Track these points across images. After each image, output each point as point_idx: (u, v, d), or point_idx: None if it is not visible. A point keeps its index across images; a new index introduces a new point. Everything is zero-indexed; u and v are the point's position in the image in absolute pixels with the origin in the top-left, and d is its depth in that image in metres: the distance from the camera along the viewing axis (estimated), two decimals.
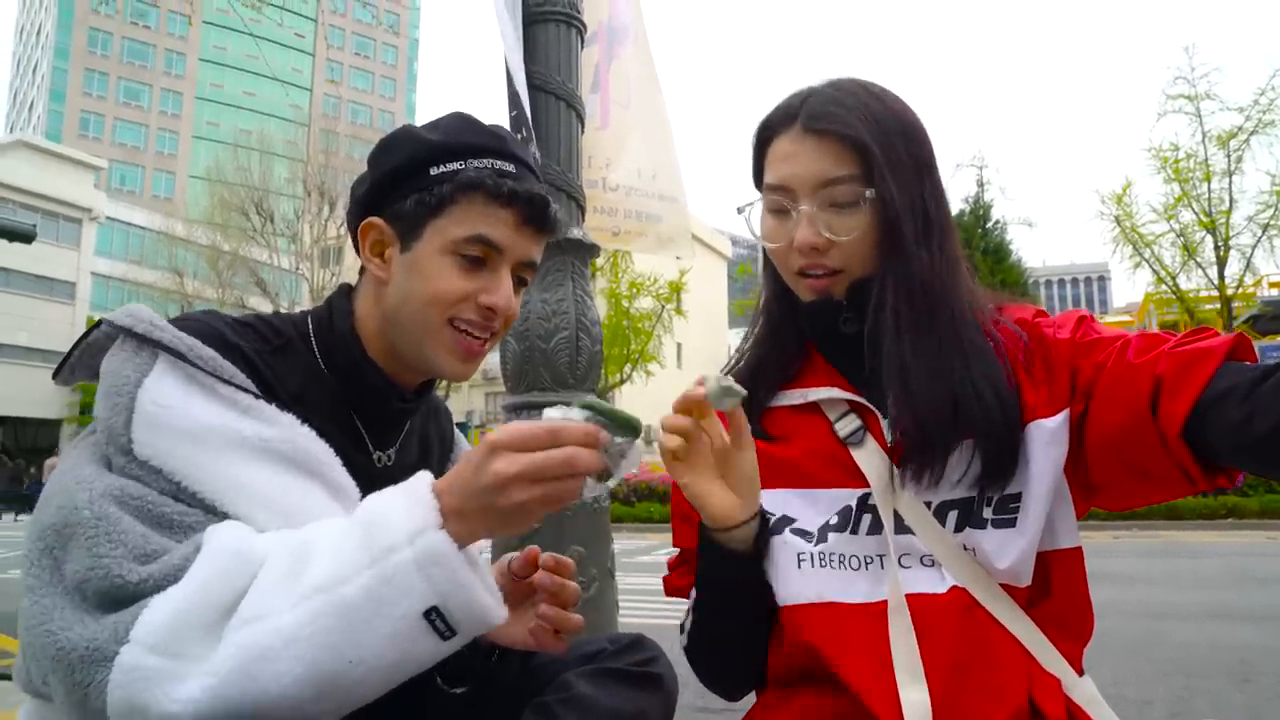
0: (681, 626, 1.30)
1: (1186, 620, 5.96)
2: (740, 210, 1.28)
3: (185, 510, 1.03)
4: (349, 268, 36.94)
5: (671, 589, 1.36)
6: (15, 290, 41.04)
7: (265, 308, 34.07)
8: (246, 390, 1.11)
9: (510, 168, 1.25)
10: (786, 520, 1.21)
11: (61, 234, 44.02)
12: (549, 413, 0.98)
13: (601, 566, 2.53)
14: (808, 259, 1.19)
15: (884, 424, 1.19)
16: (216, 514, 1.04)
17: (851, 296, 1.21)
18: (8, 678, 1.51)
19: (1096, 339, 1.14)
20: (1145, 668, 4.56)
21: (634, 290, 28.80)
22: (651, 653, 1.32)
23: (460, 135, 1.26)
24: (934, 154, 1.23)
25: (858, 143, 1.15)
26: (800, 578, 1.17)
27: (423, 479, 1.02)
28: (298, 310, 1.40)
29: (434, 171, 1.22)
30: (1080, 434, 1.12)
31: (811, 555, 1.17)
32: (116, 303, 42.87)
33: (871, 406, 1.21)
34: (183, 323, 1.15)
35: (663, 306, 29.42)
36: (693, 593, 1.27)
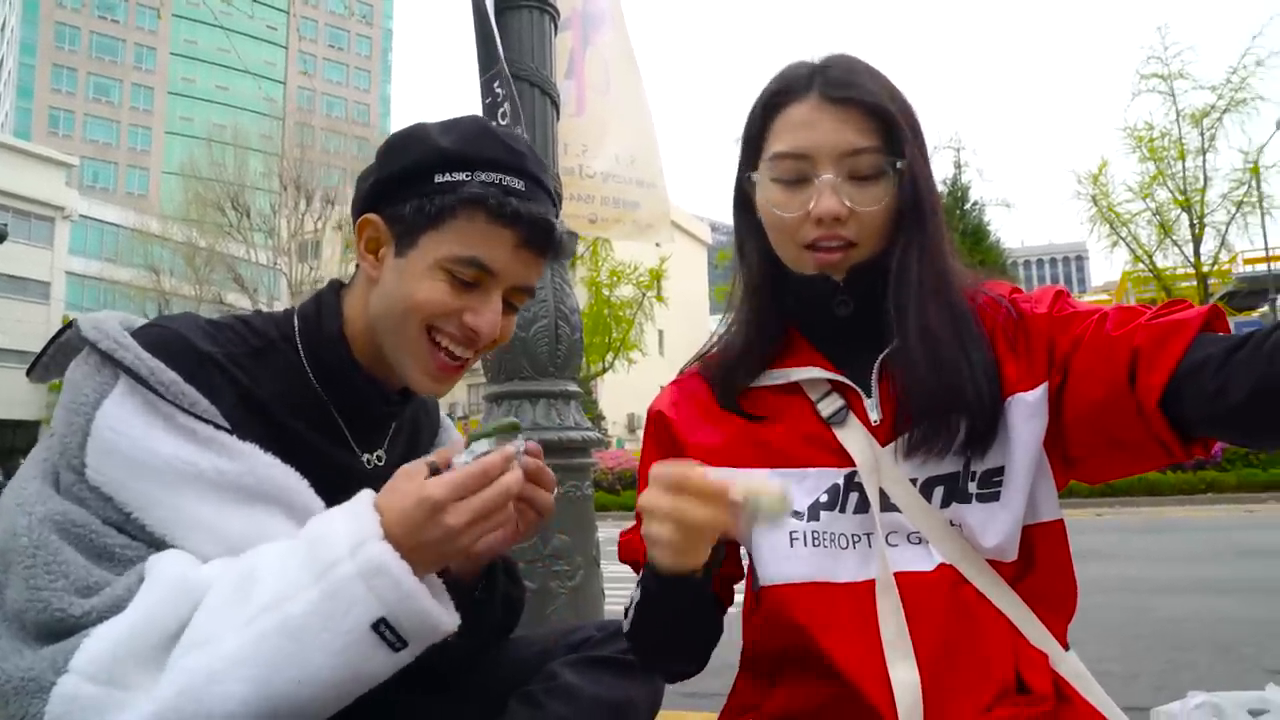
0: (626, 610, 1.24)
1: (1169, 594, 6.02)
2: (749, 177, 1.24)
3: (128, 543, 1.01)
4: (326, 262, 36.76)
5: (627, 553, 1.27)
6: None
7: (243, 304, 33.92)
8: (207, 420, 1.07)
9: (519, 185, 1.18)
10: None
11: (34, 233, 43.65)
12: (459, 459, 1.07)
13: (586, 555, 2.53)
14: (826, 229, 1.16)
15: (867, 403, 1.19)
16: (164, 548, 1.02)
17: (850, 280, 1.19)
18: None
19: (1073, 313, 1.14)
20: (1130, 642, 4.60)
21: (614, 278, 28.82)
22: None
23: (471, 144, 1.18)
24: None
25: (883, 113, 1.14)
26: (793, 557, 1.15)
27: (365, 496, 1.03)
28: (277, 305, 1.36)
29: (438, 180, 1.16)
30: (1059, 407, 1.12)
31: (805, 534, 1.16)
32: (92, 301, 42.57)
33: (854, 386, 1.20)
34: (151, 334, 1.10)
35: (643, 294, 29.45)
36: (635, 593, 1.19)
